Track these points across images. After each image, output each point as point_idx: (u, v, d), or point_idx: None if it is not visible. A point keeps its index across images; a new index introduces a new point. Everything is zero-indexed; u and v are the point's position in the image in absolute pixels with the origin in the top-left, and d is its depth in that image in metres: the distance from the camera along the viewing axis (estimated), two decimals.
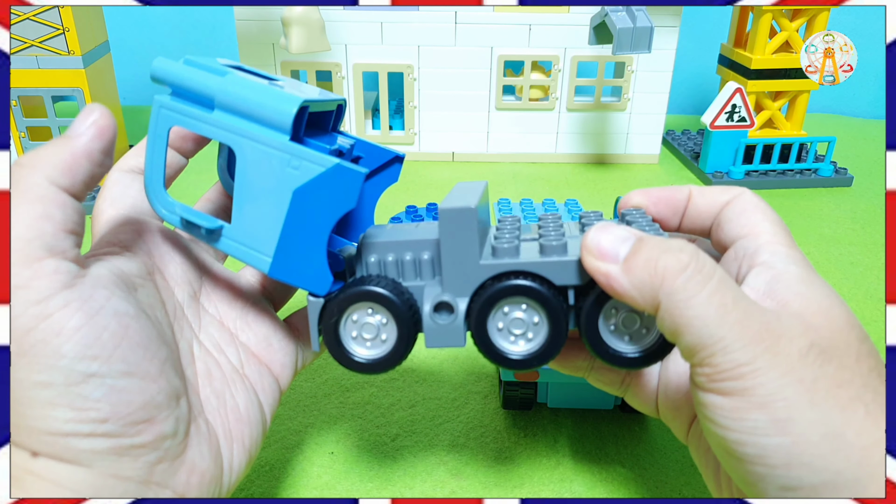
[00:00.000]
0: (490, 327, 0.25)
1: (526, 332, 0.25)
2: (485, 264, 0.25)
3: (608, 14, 0.57)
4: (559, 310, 0.24)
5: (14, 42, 0.56)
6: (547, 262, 0.24)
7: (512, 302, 0.25)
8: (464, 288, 0.25)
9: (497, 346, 0.25)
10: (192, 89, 0.26)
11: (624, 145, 0.74)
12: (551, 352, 0.25)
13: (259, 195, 0.25)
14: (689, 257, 0.22)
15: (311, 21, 0.59)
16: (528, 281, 0.24)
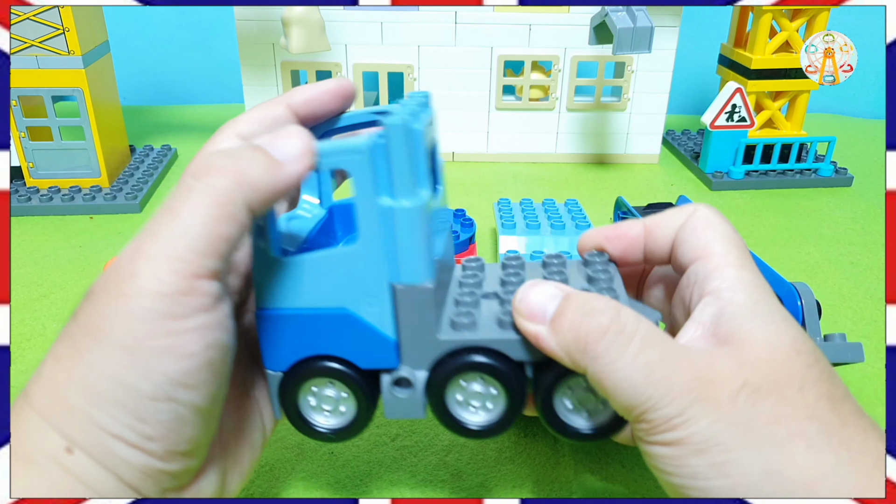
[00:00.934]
0: (449, 400, 0.26)
1: (485, 402, 0.26)
2: (443, 339, 0.25)
3: (608, 14, 0.57)
4: (516, 383, 0.25)
5: (14, 42, 0.56)
6: (504, 340, 0.24)
7: (469, 377, 0.25)
8: (422, 361, 0.25)
9: (457, 418, 0.26)
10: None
11: (624, 145, 0.74)
12: (510, 420, 0.26)
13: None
14: (609, 319, 0.22)
15: (311, 21, 0.59)
16: (484, 358, 0.24)
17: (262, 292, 0.25)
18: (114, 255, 0.52)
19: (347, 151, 0.23)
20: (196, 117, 0.87)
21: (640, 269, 0.30)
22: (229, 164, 0.21)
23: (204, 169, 0.21)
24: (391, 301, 0.25)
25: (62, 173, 0.62)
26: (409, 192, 0.23)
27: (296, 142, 0.23)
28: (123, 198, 0.62)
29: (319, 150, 0.23)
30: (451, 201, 0.64)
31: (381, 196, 0.23)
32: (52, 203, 0.60)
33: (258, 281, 0.25)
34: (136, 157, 0.70)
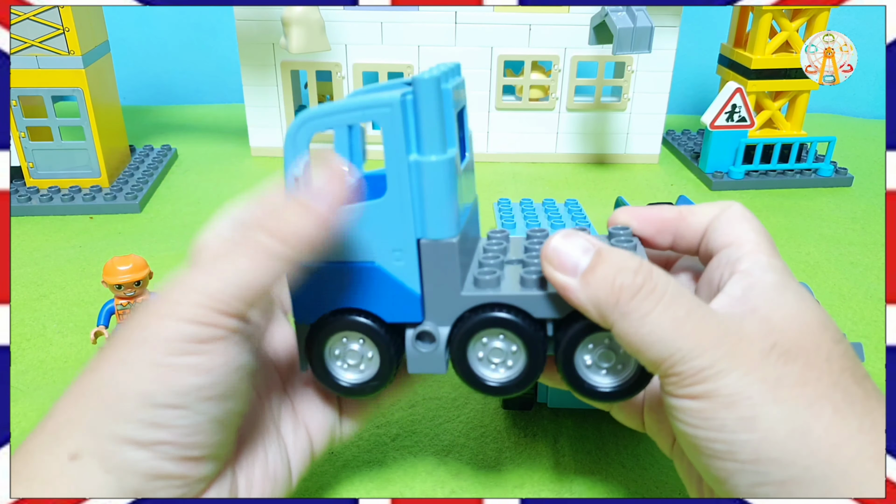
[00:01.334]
0: (470, 356, 0.26)
1: (505, 360, 0.26)
2: (466, 296, 0.25)
3: (608, 14, 0.57)
4: (537, 341, 0.25)
5: (14, 42, 0.56)
6: (526, 296, 0.25)
7: (491, 333, 0.26)
8: (445, 316, 0.26)
9: (477, 374, 0.26)
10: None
11: (624, 145, 0.74)
12: (529, 379, 0.26)
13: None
14: (643, 278, 0.22)
15: (311, 21, 0.59)
16: (506, 314, 0.25)
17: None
18: (114, 255, 0.52)
19: (378, 105, 0.23)
20: (196, 117, 0.87)
21: (664, 258, 0.31)
22: (270, 221, 0.23)
23: (256, 224, 0.23)
24: (417, 256, 0.25)
25: (62, 173, 0.62)
26: (437, 148, 0.24)
27: (328, 181, 0.24)
28: (123, 198, 0.62)
29: (350, 105, 0.24)
30: None
31: (410, 151, 0.24)
32: (52, 203, 0.60)
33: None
34: (136, 157, 0.70)
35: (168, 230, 0.58)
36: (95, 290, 0.49)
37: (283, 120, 0.73)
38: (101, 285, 0.50)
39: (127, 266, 0.49)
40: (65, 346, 0.43)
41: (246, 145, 0.76)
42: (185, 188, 0.67)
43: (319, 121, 0.25)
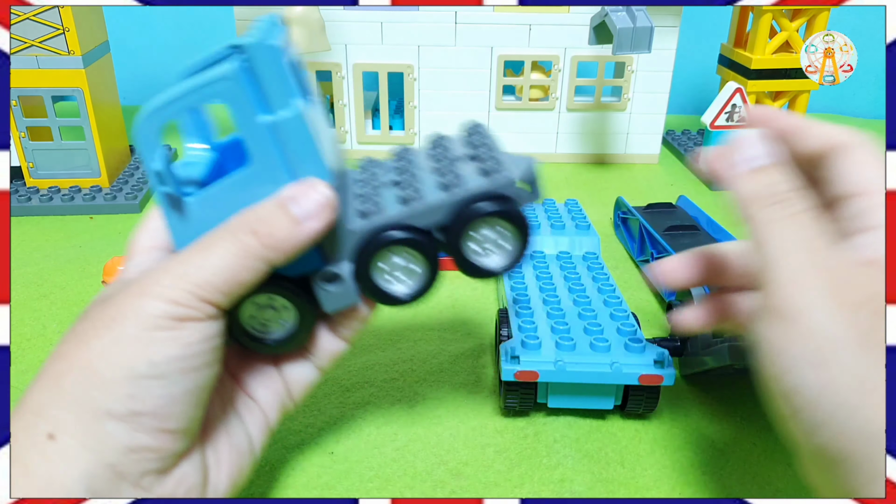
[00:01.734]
0: (377, 280, 0.28)
1: (408, 271, 0.29)
2: (354, 230, 0.27)
3: (608, 14, 0.57)
4: (430, 248, 0.28)
5: (14, 42, 0.56)
6: (408, 213, 0.27)
7: (389, 253, 0.28)
8: (343, 254, 0.28)
9: (389, 293, 0.29)
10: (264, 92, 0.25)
11: (624, 145, 0.74)
12: (432, 282, 0.29)
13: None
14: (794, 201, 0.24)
15: (311, 21, 0.59)
16: (397, 233, 0.27)
17: (180, 235, 0.27)
18: (114, 255, 0.52)
19: (217, 80, 0.24)
20: None
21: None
22: (262, 226, 0.25)
23: (240, 225, 0.25)
24: None
25: (62, 173, 0.62)
26: (284, 104, 0.25)
27: (315, 197, 0.25)
28: (123, 198, 0.62)
29: (189, 89, 0.24)
30: None
31: (260, 115, 0.25)
32: (52, 203, 0.60)
33: (171, 225, 0.26)
34: (136, 157, 0.70)
35: None
36: (95, 290, 0.49)
37: None
38: (101, 285, 0.50)
39: None
40: None
41: None
42: None
43: (164, 111, 0.25)
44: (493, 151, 0.28)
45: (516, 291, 0.41)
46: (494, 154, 0.28)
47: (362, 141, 0.73)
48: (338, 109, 0.71)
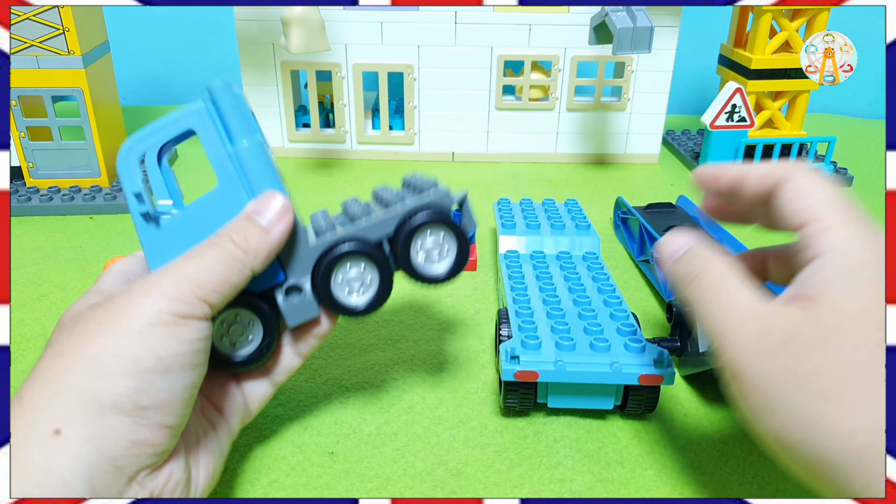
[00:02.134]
0: (336, 292, 0.32)
1: (363, 283, 0.32)
2: (313, 245, 0.31)
3: (608, 14, 0.57)
4: (380, 258, 0.31)
5: (14, 42, 0.56)
6: (358, 228, 0.31)
7: (344, 265, 0.31)
8: (303, 269, 0.31)
9: (346, 304, 0.32)
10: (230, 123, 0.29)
11: (624, 145, 0.74)
12: (386, 291, 0.32)
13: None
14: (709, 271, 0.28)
15: (311, 21, 0.59)
16: (350, 245, 0.31)
17: (153, 255, 0.29)
18: (114, 255, 0.52)
19: (190, 114, 0.28)
20: None
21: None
22: (237, 237, 0.28)
23: (220, 237, 0.28)
24: None
25: (62, 173, 0.62)
26: (245, 134, 0.29)
27: (275, 205, 0.29)
28: (123, 198, 0.62)
29: (163, 123, 0.28)
30: None
31: (226, 144, 0.29)
32: (52, 203, 0.60)
33: (147, 244, 0.29)
34: None
35: None
36: None
37: (283, 120, 0.73)
38: None
39: None
40: None
41: None
42: (185, 188, 0.67)
43: (143, 142, 0.29)
44: (430, 183, 0.33)
45: (516, 291, 0.42)
46: (433, 184, 0.32)
47: (362, 141, 0.73)
48: (338, 109, 0.71)
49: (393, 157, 0.74)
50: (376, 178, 0.70)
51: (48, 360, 0.25)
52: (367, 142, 0.74)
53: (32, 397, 0.24)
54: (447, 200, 0.32)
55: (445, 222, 0.32)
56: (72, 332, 0.26)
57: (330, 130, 0.74)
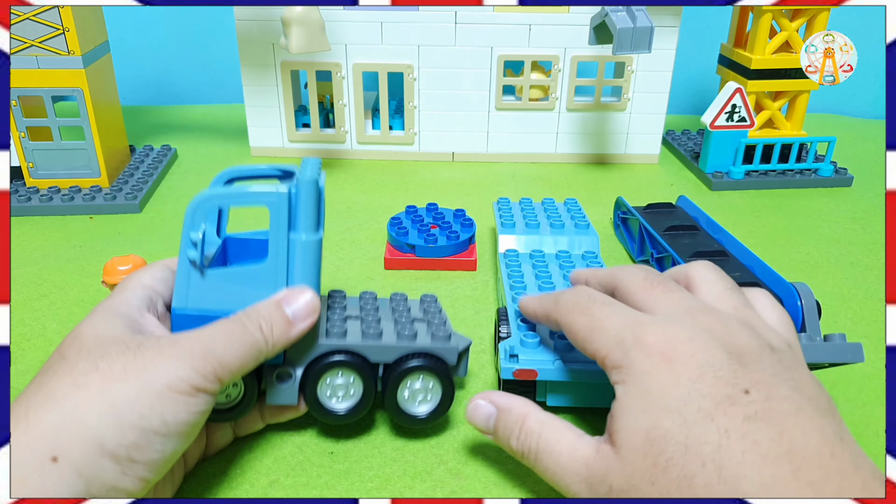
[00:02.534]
0: (319, 391, 0.33)
1: (347, 392, 0.34)
2: (321, 343, 0.33)
3: (608, 14, 0.57)
4: (371, 377, 0.33)
5: (14, 42, 0.56)
6: (366, 346, 0.33)
7: (335, 372, 0.33)
8: (301, 360, 0.33)
9: (325, 406, 0.34)
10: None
11: (624, 145, 0.74)
12: (364, 406, 0.34)
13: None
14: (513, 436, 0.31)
15: (311, 21, 0.59)
16: (351, 357, 0.33)
17: (181, 294, 0.31)
18: (114, 255, 0.52)
19: (270, 195, 0.30)
20: (196, 117, 0.87)
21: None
22: (265, 324, 0.30)
23: (251, 320, 0.30)
24: None
25: (62, 173, 0.62)
26: (311, 230, 0.31)
27: (304, 301, 0.31)
28: (123, 198, 0.62)
29: (243, 193, 0.30)
30: (451, 201, 0.64)
31: (290, 230, 0.31)
32: (51, 203, 0.60)
33: (180, 283, 0.31)
34: (136, 157, 0.70)
35: (168, 230, 0.58)
36: (95, 290, 0.49)
37: (283, 120, 0.73)
38: (101, 285, 0.50)
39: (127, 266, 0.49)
40: None
41: (246, 145, 0.76)
42: (185, 188, 0.67)
43: (219, 200, 0.30)
44: (442, 322, 0.35)
45: (515, 290, 0.41)
46: (444, 325, 0.35)
47: (362, 141, 0.73)
48: (338, 109, 0.72)
49: (393, 157, 0.74)
50: (376, 178, 0.70)
51: (64, 385, 0.26)
52: (367, 142, 0.74)
53: (41, 420, 0.25)
54: (451, 356, 0.34)
55: (442, 375, 0.34)
56: (96, 366, 0.26)
57: (330, 130, 0.74)
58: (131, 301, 0.31)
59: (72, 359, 0.27)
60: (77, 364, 0.27)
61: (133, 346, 0.27)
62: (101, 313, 0.30)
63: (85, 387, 0.26)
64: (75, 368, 0.26)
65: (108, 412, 0.25)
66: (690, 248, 0.48)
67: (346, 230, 0.58)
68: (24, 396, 0.26)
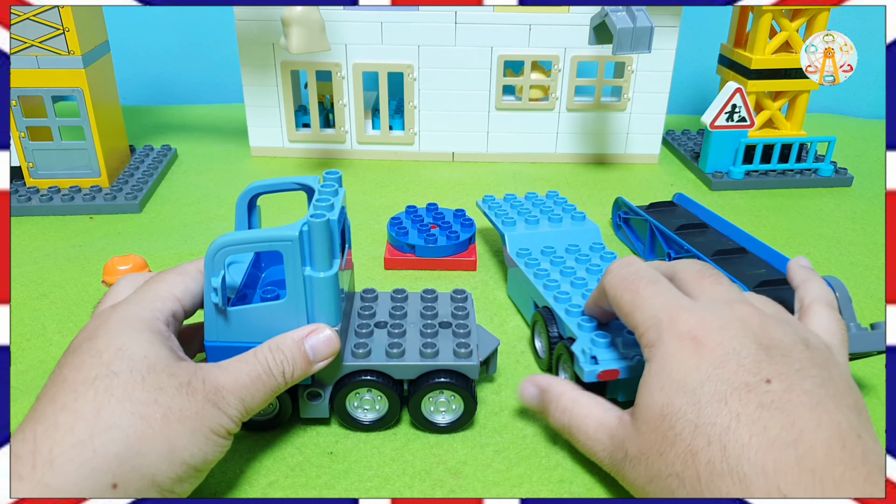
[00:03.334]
0: (348, 405, 0.35)
1: (374, 405, 0.36)
2: (345, 364, 0.35)
3: (608, 14, 0.57)
4: (396, 394, 0.35)
5: (14, 42, 0.56)
6: (389, 365, 0.35)
7: (363, 390, 0.35)
8: (329, 379, 0.35)
9: (353, 416, 0.36)
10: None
11: (624, 145, 0.74)
12: (391, 417, 0.36)
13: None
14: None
15: (311, 21, 0.59)
16: (373, 377, 0.35)
17: (211, 329, 0.33)
18: (114, 255, 0.52)
19: (282, 239, 0.31)
20: (196, 117, 0.87)
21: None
22: (287, 367, 0.32)
23: (274, 363, 0.31)
24: None
25: (62, 173, 0.62)
26: (324, 266, 0.32)
27: (326, 341, 0.33)
28: (123, 198, 0.62)
29: (259, 237, 0.31)
30: (451, 201, 0.64)
31: (305, 266, 0.32)
32: (51, 203, 0.60)
33: (209, 320, 0.32)
34: (136, 157, 0.70)
35: (168, 230, 0.59)
36: (95, 290, 0.49)
37: (283, 120, 0.73)
38: (101, 285, 0.50)
39: (127, 266, 0.49)
40: (65, 346, 0.43)
41: (246, 145, 0.76)
42: (185, 188, 0.67)
43: (234, 247, 0.31)
44: (469, 327, 0.37)
45: (553, 290, 0.41)
46: (471, 332, 0.36)
47: (362, 141, 0.73)
48: (338, 109, 0.71)
49: (393, 157, 0.74)
50: (376, 178, 0.70)
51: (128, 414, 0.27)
52: (367, 142, 0.74)
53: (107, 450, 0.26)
54: (472, 372, 0.35)
55: (464, 389, 0.35)
56: (156, 400, 0.28)
57: (330, 130, 0.74)
58: (161, 318, 0.31)
59: (124, 378, 0.28)
60: (134, 392, 0.27)
61: (184, 382, 0.29)
62: (135, 326, 0.30)
63: (149, 422, 0.27)
64: (133, 396, 0.27)
65: (167, 452, 0.27)
66: (708, 246, 0.48)
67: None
68: (75, 411, 0.26)
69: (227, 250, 0.31)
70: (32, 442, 0.25)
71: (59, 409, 0.26)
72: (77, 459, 0.25)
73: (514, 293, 0.48)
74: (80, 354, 0.28)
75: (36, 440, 0.25)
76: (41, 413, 0.26)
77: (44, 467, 0.24)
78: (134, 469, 0.26)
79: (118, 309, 0.31)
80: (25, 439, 0.25)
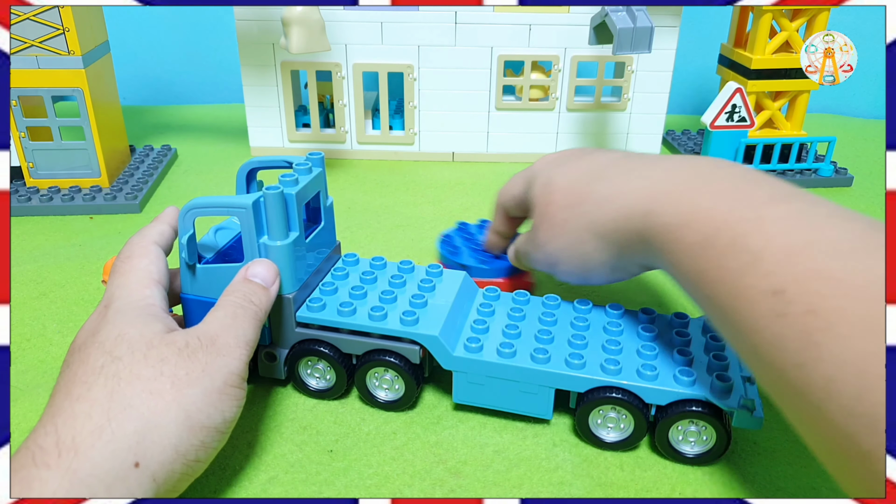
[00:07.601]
0: (300, 370, 0.38)
1: (323, 376, 0.38)
2: (297, 332, 0.37)
3: (608, 14, 0.57)
4: (346, 366, 0.37)
5: (14, 42, 0.56)
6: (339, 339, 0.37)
7: (314, 358, 0.38)
8: (286, 343, 0.38)
9: (305, 383, 0.38)
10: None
11: (624, 145, 0.74)
12: (340, 389, 0.38)
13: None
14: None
15: (311, 21, 0.59)
16: (325, 349, 0.37)
17: (186, 283, 0.36)
18: (113, 255, 0.52)
19: (238, 206, 0.34)
20: (196, 117, 0.87)
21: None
22: (255, 298, 0.33)
23: (242, 298, 0.33)
24: None
25: (62, 173, 0.62)
26: (280, 236, 0.35)
27: (270, 273, 0.35)
28: (123, 198, 0.62)
29: (220, 202, 0.34)
30: (451, 201, 0.64)
31: (261, 235, 0.35)
32: (52, 203, 0.60)
33: (183, 274, 0.36)
34: (136, 157, 0.71)
35: None
36: (95, 290, 0.49)
37: (283, 120, 0.73)
38: (101, 284, 0.50)
39: None
40: (65, 345, 0.43)
41: (246, 145, 0.76)
42: (185, 188, 0.67)
43: (200, 210, 0.34)
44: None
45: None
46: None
47: (362, 141, 0.73)
48: (338, 109, 0.72)
49: (393, 157, 0.74)
50: (376, 178, 0.70)
51: (140, 392, 0.27)
52: (367, 142, 0.74)
53: (125, 428, 0.26)
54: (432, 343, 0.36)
55: (404, 371, 0.36)
56: (161, 371, 0.28)
57: (330, 130, 0.74)
58: (152, 300, 0.32)
59: (127, 360, 0.28)
60: (141, 369, 0.28)
61: (182, 346, 0.29)
62: (130, 313, 0.31)
63: (159, 395, 0.28)
64: (140, 374, 0.28)
65: (184, 419, 0.28)
66: None
67: (346, 230, 0.58)
68: (90, 399, 0.27)
69: (194, 212, 0.34)
70: (55, 434, 0.26)
71: (74, 400, 0.27)
72: (98, 443, 0.26)
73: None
74: (86, 349, 0.29)
75: (58, 431, 0.26)
76: (58, 407, 0.27)
77: (69, 455, 0.25)
78: (154, 443, 0.26)
79: (112, 305, 0.32)
80: (47, 432, 0.26)
